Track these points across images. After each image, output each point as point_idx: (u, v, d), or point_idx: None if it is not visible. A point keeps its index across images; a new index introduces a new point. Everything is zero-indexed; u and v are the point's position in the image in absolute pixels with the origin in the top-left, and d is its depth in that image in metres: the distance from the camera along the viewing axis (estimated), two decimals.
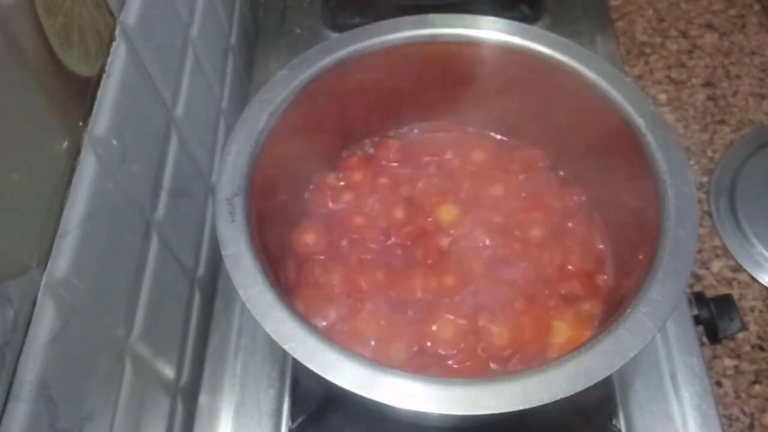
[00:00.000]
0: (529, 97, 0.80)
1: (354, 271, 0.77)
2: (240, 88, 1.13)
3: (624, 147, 0.71)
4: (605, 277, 0.77)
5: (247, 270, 0.61)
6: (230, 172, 0.67)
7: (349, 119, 0.85)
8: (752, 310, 1.15)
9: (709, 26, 1.56)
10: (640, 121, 0.70)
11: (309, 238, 0.80)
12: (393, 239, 0.80)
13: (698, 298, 0.85)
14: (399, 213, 0.81)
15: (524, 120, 0.84)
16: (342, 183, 0.85)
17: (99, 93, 0.66)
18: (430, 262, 0.77)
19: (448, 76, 0.82)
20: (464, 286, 0.75)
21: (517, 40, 0.77)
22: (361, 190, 0.84)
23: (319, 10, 1.18)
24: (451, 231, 0.80)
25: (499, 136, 0.87)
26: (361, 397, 0.55)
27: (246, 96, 1.12)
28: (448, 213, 0.81)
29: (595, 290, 0.76)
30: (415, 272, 0.76)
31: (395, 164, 0.86)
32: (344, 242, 0.80)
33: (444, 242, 0.79)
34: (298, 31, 1.15)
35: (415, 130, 0.89)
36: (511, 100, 0.81)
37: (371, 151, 0.88)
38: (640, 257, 0.66)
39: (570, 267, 0.77)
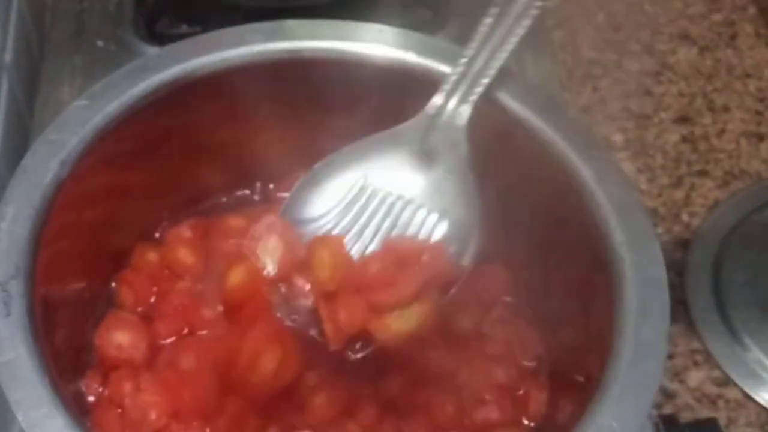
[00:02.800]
0: None
1: (181, 390, 0.76)
2: (18, 125, 1.13)
3: (563, 208, 0.73)
4: (536, 396, 0.78)
5: (29, 384, 0.61)
6: (5, 245, 0.67)
7: (176, 172, 0.86)
8: None
9: (684, 37, 1.59)
10: (586, 173, 0.72)
11: (121, 338, 0.79)
12: None
13: (669, 424, 0.87)
14: None
15: None
16: (166, 262, 0.86)
17: None
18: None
19: (315, 108, 0.83)
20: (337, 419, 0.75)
21: (411, 57, 0.78)
22: (193, 273, 0.84)
23: (130, 15, 1.16)
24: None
25: None
26: None
27: (26, 136, 1.12)
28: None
29: (522, 416, 0.77)
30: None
31: (241, 240, 0.86)
32: (170, 347, 0.80)
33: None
34: (100, 43, 1.14)
35: (269, 189, 0.90)
36: None
37: (206, 218, 0.89)
38: (587, 368, 0.67)
39: (485, 384, 0.78)
